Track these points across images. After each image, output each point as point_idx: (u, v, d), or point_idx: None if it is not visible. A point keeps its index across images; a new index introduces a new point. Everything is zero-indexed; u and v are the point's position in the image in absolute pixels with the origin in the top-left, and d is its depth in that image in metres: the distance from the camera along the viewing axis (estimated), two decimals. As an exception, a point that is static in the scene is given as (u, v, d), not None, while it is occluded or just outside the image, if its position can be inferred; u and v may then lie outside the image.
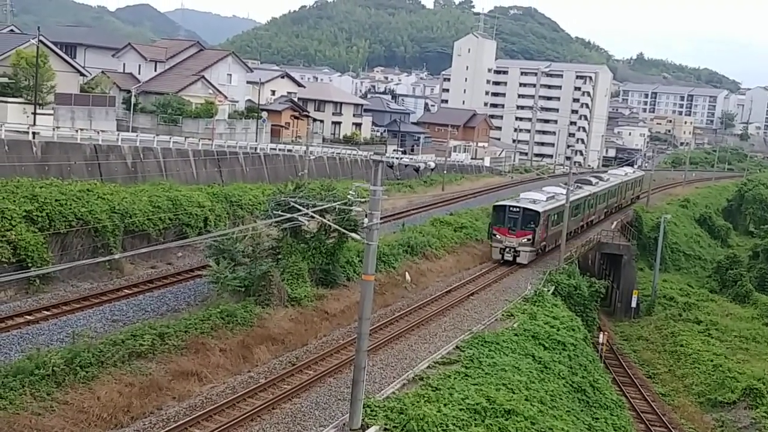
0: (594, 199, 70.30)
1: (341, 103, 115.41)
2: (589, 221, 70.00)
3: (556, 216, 57.46)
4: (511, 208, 54.36)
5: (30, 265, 35.15)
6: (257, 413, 25.04)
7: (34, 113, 52.17)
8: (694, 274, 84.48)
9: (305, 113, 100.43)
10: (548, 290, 47.82)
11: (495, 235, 54.72)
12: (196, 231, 46.41)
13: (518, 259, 53.55)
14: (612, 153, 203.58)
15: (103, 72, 77.75)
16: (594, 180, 76.55)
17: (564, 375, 35.90)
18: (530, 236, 53.56)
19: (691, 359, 53.82)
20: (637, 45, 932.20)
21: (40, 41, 54.65)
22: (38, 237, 36.39)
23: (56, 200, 38.63)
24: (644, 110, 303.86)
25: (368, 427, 24.56)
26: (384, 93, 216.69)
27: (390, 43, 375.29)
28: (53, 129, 49.37)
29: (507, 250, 53.85)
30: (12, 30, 71.72)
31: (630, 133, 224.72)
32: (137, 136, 55.78)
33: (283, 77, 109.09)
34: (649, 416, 44.44)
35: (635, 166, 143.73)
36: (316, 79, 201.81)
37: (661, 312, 65.23)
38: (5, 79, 54.86)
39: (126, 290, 37.97)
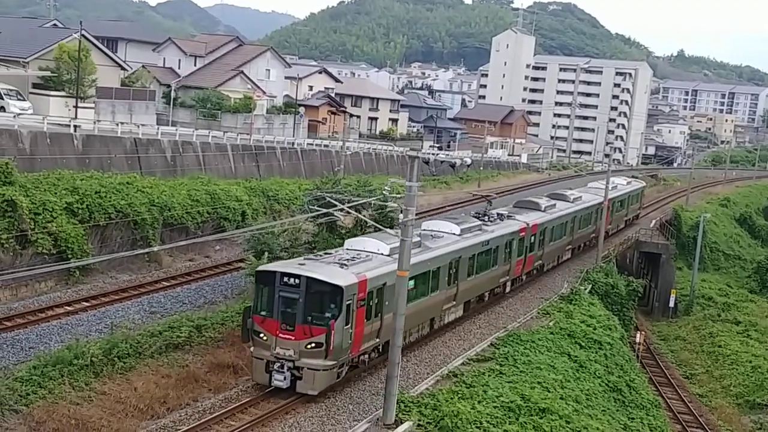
0: (540, 234, 45.93)
1: (378, 99, 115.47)
2: (523, 273, 44.80)
3: (417, 281, 30.82)
4: (287, 280, 26.36)
5: (70, 256, 35.66)
6: (292, 407, 25.18)
7: (76, 106, 52.89)
8: (734, 274, 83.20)
9: (342, 109, 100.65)
10: (585, 289, 47.46)
11: (258, 333, 26.69)
12: (233, 225, 46.74)
13: (300, 386, 26.03)
14: (651, 151, 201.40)
15: (143, 66, 78.59)
16: (545, 203, 49.84)
17: (600, 374, 35.65)
18: (324, 337, 25.72)
19: (729, 360, 53.15)
20: (677, 42, 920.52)
21: (83, 35, 55.37)
22: (78, 229, 36.89)
23: (96, 193, 39.12)
24: (684, 108, 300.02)
25: (402, 423, 24.58)
26: (421, 89, 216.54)
27: (428, 38, 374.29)
28: (94, 122, 50.00)
29: (278, 364, 26.28)
30: (55, 24, 72.74)
31: (670, 131, 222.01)
32: (177, 130, 56.30)
33: (320, 73, 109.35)
34: (685, 417, 43.96)
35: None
36: (354, 74, 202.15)
37: (699, 312, 64.42)
38: (48, 73, 55.69)
39: (164, 282, 38.38)
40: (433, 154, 49.49)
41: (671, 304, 63.95)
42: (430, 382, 28.86)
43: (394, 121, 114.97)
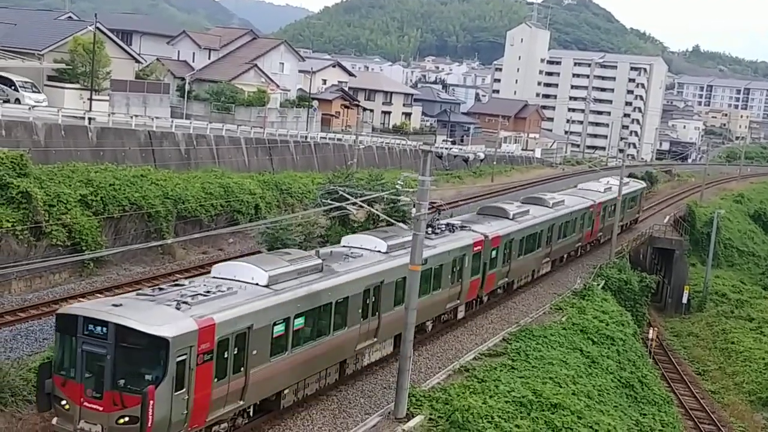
0: (505, 247, 38.75)
1: (391, 93, 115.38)
2: (481, 295, 37.90)
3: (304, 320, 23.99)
4: (92, 328, 19.39)
5: (84, 248, 35.83)
6: (305, 400, 25.25)
7: (90, 99, 53.13)
8: (747, 271, 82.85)
9: (355, 102, 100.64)
10: (598, 284, 47.36)
11: (59, 399, 19.75)
12: (247, 218, 46.84)
13: None
14: (666, 146, 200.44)
15: (157, 59, 78.79)
16: (514, 209, 42.19)
17: (612, 370, 35.61)
18: (139, 409, 18.64)
19: (742, 357, 53.00)
20: (693, 37, 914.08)
21: (97, 28, 55.55)
22: (93, 221, 37.05)
23: (110, 185, 39.28)
24: (699, 103, 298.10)
25: (413, 417, 24.64)
26: (434, 83, 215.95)
27: (442, 32, 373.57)
28: (108, 115, 50.14)
29: None
30: (70, 17, 72.94)
31: (684, 127, 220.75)
32: (191, 123, 56.44)
33: (334, 66, 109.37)
34: (697, 413, 43.87)
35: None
36: (367, 68, 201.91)
37: (712, 308, 64.24)
38: (63, 65, 55.92)
39: (178, 275, 38.48)
40: (446, 148, 49.33)
41: (684, 301, 63.76)
42: (441, 377, 28.91)
43: (408, 115, 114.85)
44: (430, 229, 32.31)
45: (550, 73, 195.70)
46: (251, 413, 22.53)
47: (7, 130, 40.32)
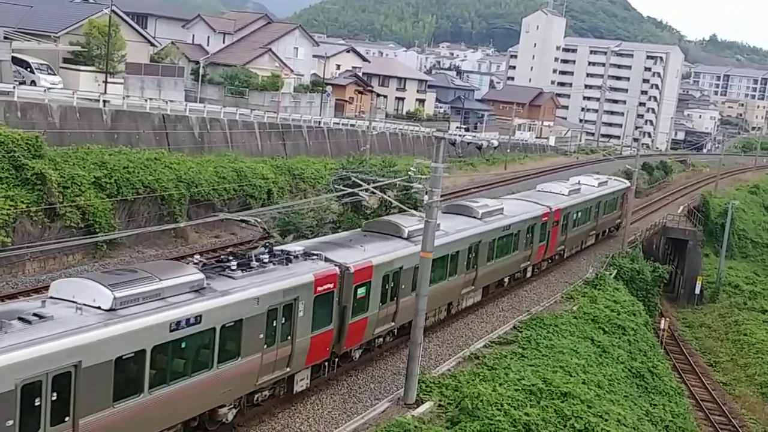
0: (389, 281, 27.66)
1: (405, 79, 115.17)
2: (334, 353, 25.97)
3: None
4: None
5: (98, 230, 36.04)
6: (315, 384, 25.33)
7: (105, 82, 53.26)
8: (761, 263, 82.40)
9: (369, 88, 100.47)
10: (610, 274, 47.23)
11: None
12: (259, 202, 46.96)
13: None
14: (681, 136, 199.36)
15: (172, 42, 78.84)
16: (411, 225, 29.86)
17: (623, 360, 35.54)
18: None
19: (754, 349, 52.81)
20: (710, 26, 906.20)
21: (113, 11, 55.64)
22: (106, 203, 37.25)
23: (124, 168, 39.44)
24: (716, 93, 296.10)
25: (422, 403, 24.69)
26: (449, 69, 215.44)
27: (457, 18, 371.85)
28: (123, 98, 50.32)
29: None
30: (86, 0, 73.08)
31: (700, 116, 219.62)
32: (204, 107, 56.51)
33: (348, 52, 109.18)
34: (708, 405, 43.78)
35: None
36: (382, 54, 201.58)
37: (725, 300, 64.00)
38: (78, 48, 56.06)
39: (189, 258, 38.50)
40: (459, 135, 48.89)
41: (697, 291, 63.54)
42: (451, 364, 28.93)
43: (421, 101, 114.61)
44: (249, 262, 22.47)
45: (565, 61, 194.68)
46: None
47: (23, 111, 40.51)
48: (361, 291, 25.83)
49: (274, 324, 21.98)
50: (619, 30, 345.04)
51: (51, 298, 18.37)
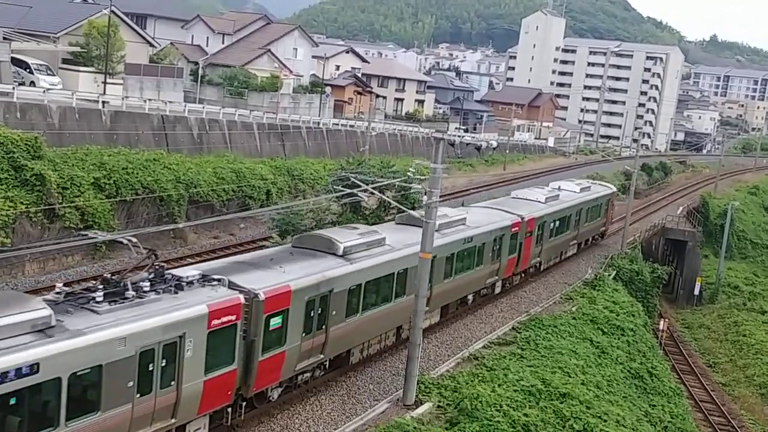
0: (335, 299, 24.49)
1: (404, 80, 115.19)
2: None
3: None
4: None
5: (97, 231, 36.01)
6: (314, 386, 25.32)
7: (105, 82, 53.25)
8: (761, 263, 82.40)
9: (368, 89, 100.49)
10: (609, 275, 47.24)
11: None
12: (258, 203, 46.96)
13: None
14: (681, 137, 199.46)
15: (171, 43, 78.83)
16: (345, 242, 25.95)
17: (622, 360, 35.56)
18: None
19: (753, 350, 52.83)
20: (710, 27, 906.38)
21: (112, 11, 55.61)
22: (105, 204, 37.25)
23: (123, 169, 39.45)
24: (716, 94, 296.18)
25: (422, 404, 24.70)
26: (448, 70, 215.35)
27: (456, 19, 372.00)
28: (122, 98, 50.31)
29: None
30: (85, 0, 73.06)
31: (700, 117, 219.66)
32: (203, 107, 56.52)
33: (347, 52, 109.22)
34: (707, 405, 43.78)
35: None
36: (381, 54, 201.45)
37: (724, 301, 64.02)
38: (77, 49, 56.05)
39: (189, 259, 38.67)
40: (458, 136, 48.73)
41: (696, 292, 63.57)
42: (450, 365, 28.94)
43: (421, 102, 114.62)
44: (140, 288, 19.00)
45: (564, 62, 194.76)
46: None
47: (22, 112, 40.51)
48: (276, 321, 21.79)
49: (150, 368, 18.03)
50: (619, 30, 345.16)
51: None
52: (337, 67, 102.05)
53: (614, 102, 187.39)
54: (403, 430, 22.22)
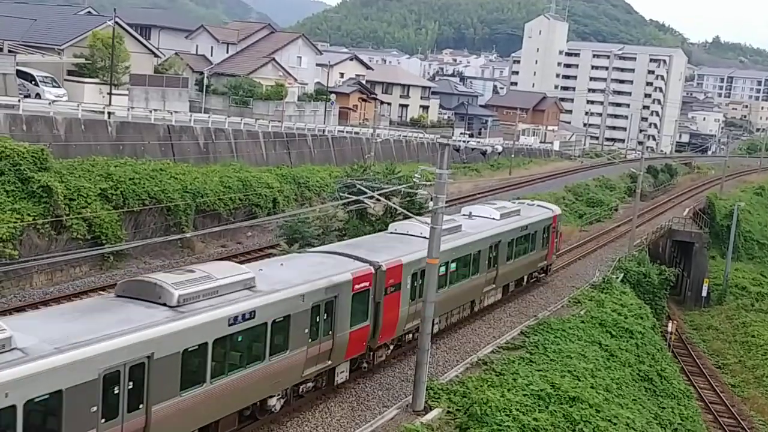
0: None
1: (409, 86, 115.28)
2: None
3: None
4: None
5: (104, 241, 36.13)
6: (323, 393, 25.34)
7: (110, 93, 53.37)
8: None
9: (373, 96, 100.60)
10: (617, 277, 47.20)
11: None
12: (265, 211, 47.05)
13: None
14: (685, 138, 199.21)
15: (176, 53, 78.99)
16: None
17: (631, 363, 35.50)
18: None
19: (762, 350, 52.70)
20: (713, 28, 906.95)
21: (116, 23, 55.79)
22: (112, 214, 37.35)
23: (130, 179, 39.58)
24: (720, 95, 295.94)
25: (431, 410, 24.68)
26: (452, 75, 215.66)
27: (459, 24, 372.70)
28: (128, 109, 50.43)
29: None
30: (89, 12, 73.21)
31: (704, 119, 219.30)
32: (209, 117, 56.62)
33: (351, 60, 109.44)
34: (717, 407, 43.67)
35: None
36: (385, 61, 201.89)
37: (732, 302, 63.88)
38: (82, 60, 56.25)
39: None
40: (463, 141, 48.54)
41: (704, 294, 63.45)
42: (459, 370, 28.90)
43: (425, 108, 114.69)
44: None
45: (568, 65, 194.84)
46: None
47: (28, 124, 40.65)
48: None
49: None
50: (622, 33, 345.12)
51: None
52: (342, 75, 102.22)
53: (619, 105, 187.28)
54: (412, 436, 22.22)
